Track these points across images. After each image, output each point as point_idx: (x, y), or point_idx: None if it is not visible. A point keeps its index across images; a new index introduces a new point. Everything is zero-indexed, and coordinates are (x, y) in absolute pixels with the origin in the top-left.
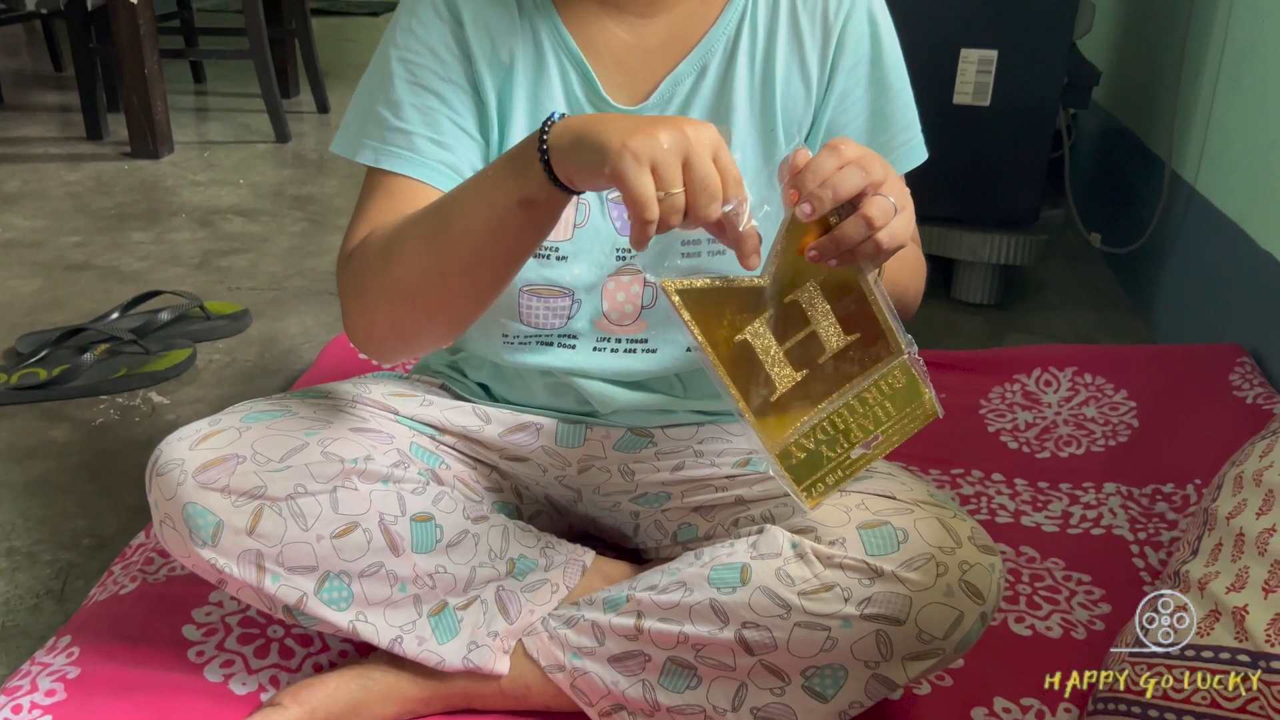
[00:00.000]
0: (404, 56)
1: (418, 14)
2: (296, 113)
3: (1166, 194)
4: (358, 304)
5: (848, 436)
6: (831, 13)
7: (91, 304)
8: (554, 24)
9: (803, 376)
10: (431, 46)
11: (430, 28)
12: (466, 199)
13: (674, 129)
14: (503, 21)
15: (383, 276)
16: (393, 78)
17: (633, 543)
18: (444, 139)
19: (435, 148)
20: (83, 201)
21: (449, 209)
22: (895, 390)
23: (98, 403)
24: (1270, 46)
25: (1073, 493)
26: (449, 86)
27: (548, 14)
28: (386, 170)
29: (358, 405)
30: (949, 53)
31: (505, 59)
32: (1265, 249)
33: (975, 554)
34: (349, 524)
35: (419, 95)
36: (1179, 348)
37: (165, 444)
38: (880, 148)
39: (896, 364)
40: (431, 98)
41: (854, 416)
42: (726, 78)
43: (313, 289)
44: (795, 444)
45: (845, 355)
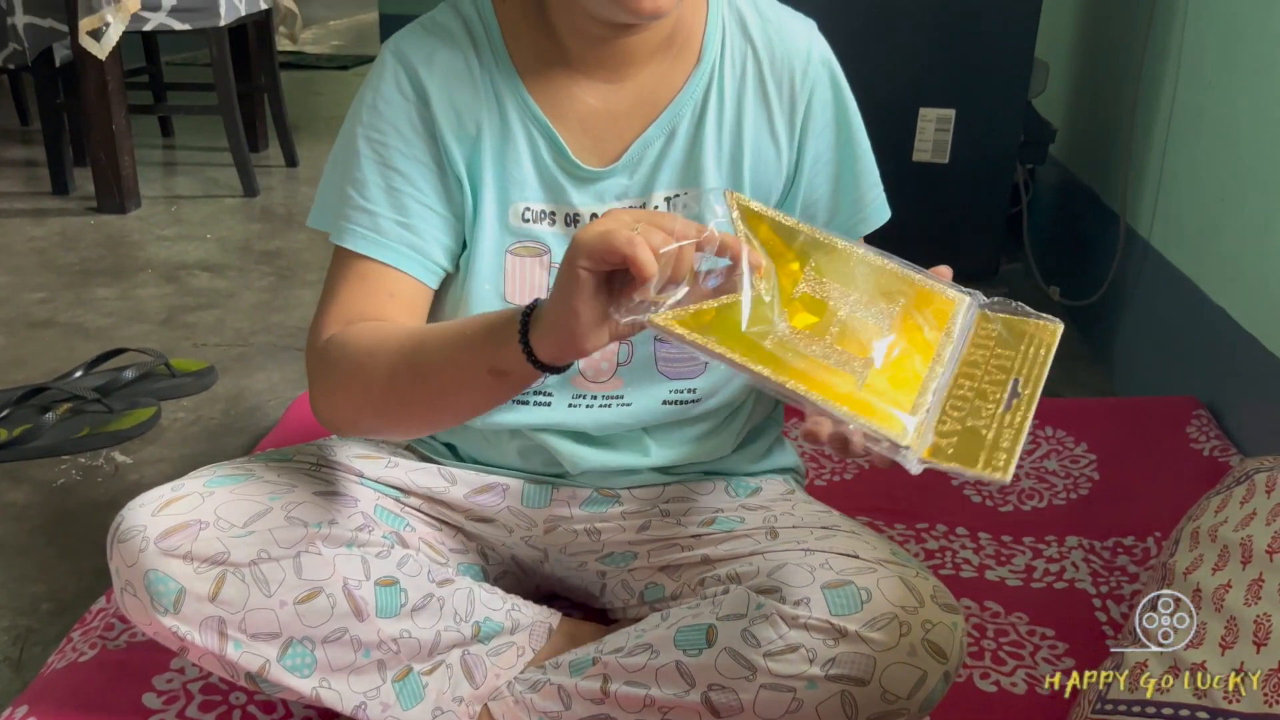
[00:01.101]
0: (369, 135)
1: (382, 92)
2: (265, 167)
3: (1122, 248)
4: (324, 397)
5: (985, 398)
6: (798, 79)
7: (55, 362)
8: (519, 92)
9: (868, 355)
10: (396, 126)
11: (395, 107)
12: (442, 353)
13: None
14: (468, 93)
15: (351, 386)
16: (359, 156)
17: (600, 602)
18: (410, 220)
19: (400, 230)
20: (48, 257)
21: (423, 356)
22: (995, 336)
23: (60, 463)
24: (1216, 108)
25: (1036, 546)
26: (415, 165)
27: (512, 82)
28: (352, 250)
29: (322, 468)
30: (908, 111)
31: (472, 130)
32: (1218, 303)
33: (938, 613)
34: (312, 589)
35: (385, 175)
36: (1137, 400)
37: (127, 510)
38: (850, 207)
39: (974, 314)
40: (397, 178)
41: (975, 380)
42: (695, 141)
43: (279, 345)
44: (938, 436)
45: (906, 323)
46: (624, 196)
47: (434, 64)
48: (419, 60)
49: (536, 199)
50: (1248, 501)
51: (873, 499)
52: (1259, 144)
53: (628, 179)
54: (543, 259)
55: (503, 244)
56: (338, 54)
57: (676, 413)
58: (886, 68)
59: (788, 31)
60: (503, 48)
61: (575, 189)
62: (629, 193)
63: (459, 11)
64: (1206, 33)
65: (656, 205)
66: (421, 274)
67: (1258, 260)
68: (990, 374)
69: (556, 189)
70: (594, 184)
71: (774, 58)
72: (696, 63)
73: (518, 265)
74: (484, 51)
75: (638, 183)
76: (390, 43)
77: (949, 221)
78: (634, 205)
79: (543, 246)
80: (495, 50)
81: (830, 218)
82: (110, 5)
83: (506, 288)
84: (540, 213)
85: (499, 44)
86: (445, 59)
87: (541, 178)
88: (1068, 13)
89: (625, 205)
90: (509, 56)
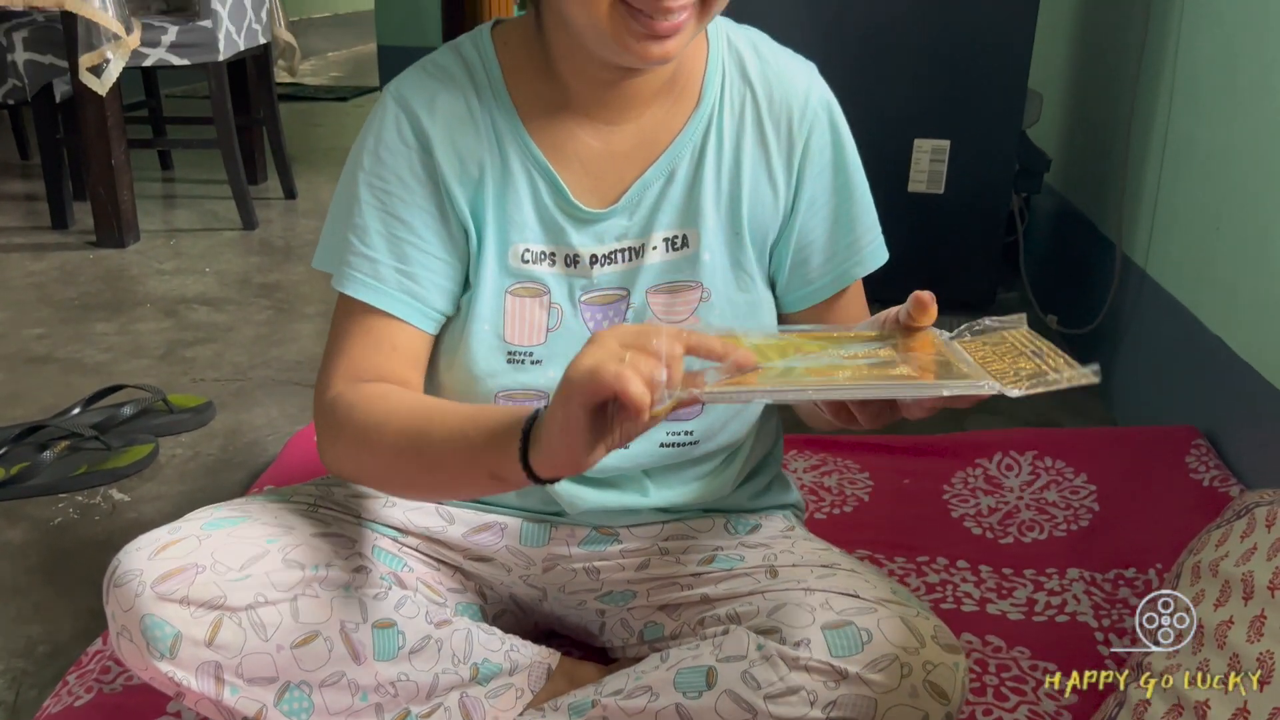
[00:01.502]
0: (371, 182)
1: (384, 139)
2: (264, 199)
3: (1118, 276)
4: (330, 450)
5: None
6: (796, 122)
7: (53, 398)
8: (520, 134)
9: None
10: (398, 173)
11: (396, 154)
12: (444, 448)
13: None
14: (470, 136)
15: (358, 455)
16: (360, 202)
17: (599, 641)
18: (410, 268)
19: (401, 278)
20: (46, 292)
21: (426, 445)
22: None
23: (57, 501)
24: (1210, 137)
25: (1037, 579)
26: (417, 213)
27: (513, 125)
28: (353, 298)
29: (320, 509)
30: (903, 142)
31: (474, 173)
32: (1214, 332)
33: (939, 653)
34: (309, 633)
35: (387, 223)
36: (1136, 430)
37: (123, 553)
38: (846, 250)
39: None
40: (399, 225)
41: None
42: (695, 183)
43: (277, 379)
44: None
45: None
46: (624, 237)
47: (436, 108)
48: (420, 105)
49: (536, 240)
50: (1248, 536)
51: (874, 532)
52: (1253, 173)
53: (627, 220)
54: (542, 299)
55: (502, 285)
56: (337, 85)
57: (675, 454)
58: (881, 99)
59: (787, 74)
60: (504, 90)
61: (575, 230)
62: (628, 233)
63: (460, 54)
64: (1199, 61)
65: (655, 246)
66: (422, 323)
67: (1253, 289)
68: (997, 352)
69: (556, 230)
70: (594, 225)
71: (772, 100)
72: (696, 105)
73: (517, 306)
74: (485, 94)
75: (637, 223)
76: (391, 86)
77: (945, 251)
78: (633, 246)
79: (542, 287)
80: (496, 93)
81: (826, 259)
82: (110, 42)
83: (506, 328)
84: (540, 254)
85: (500, 86)
86: (447, 103)
87: (541, 219)
88: (1060, 44)
89: (625, 246)
90: (510, 99)
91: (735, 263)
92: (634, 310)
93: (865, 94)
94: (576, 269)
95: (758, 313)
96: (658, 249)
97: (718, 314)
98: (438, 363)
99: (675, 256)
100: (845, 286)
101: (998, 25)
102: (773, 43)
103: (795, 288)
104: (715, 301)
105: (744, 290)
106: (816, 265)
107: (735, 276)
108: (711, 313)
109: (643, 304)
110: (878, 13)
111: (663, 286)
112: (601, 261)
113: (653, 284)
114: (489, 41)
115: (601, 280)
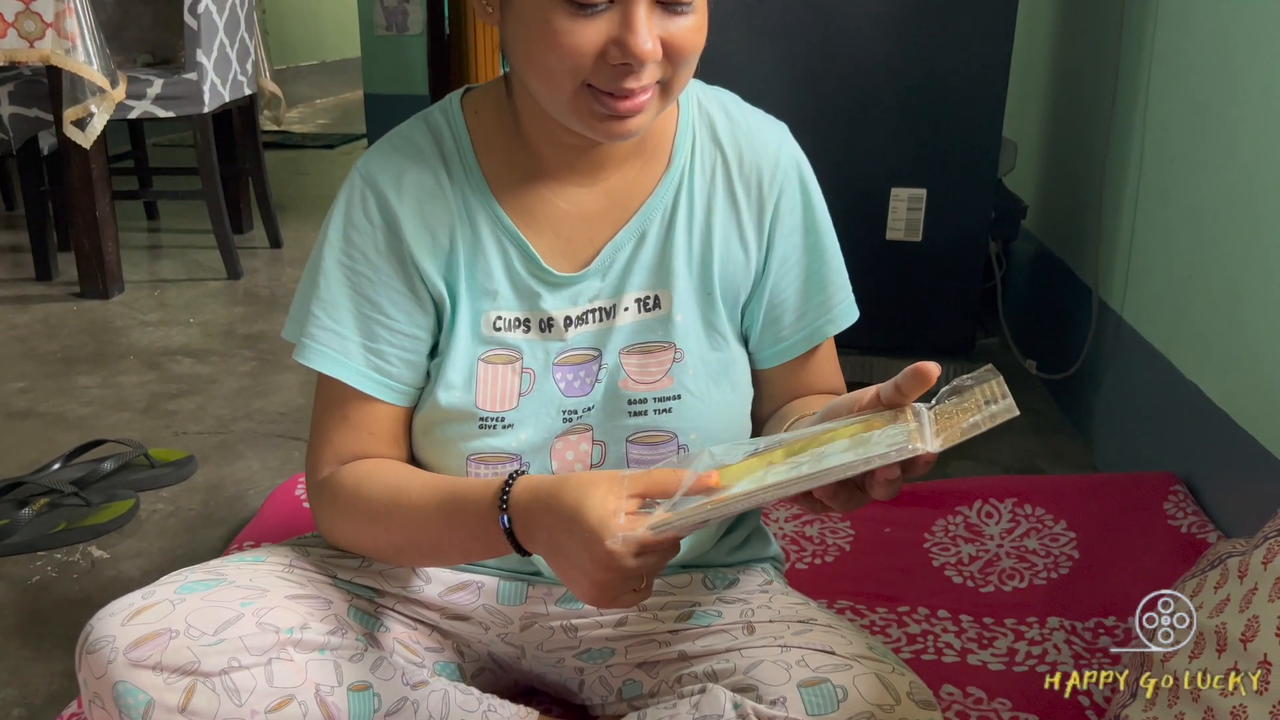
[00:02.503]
0: (340, 259)
1: (352, 219)
2: (250, 248)
3: (1096, 322)
4: (327, 526)
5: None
6: (766, 183)
7: (33, 454)
8: (489, 204)
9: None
10: (364, 252)
11: (363, 233)
12: (439, 536)
13: (612, 582)
14: (439, 209)
15: (356, 538)
16: (328, 279)
17: (579, 699)
18: (378, 346)
19: (369, 356)
20: (29, 345)
21: (421, 534)
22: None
23: (35, 559)
24: (1181, 186)
25: (1017, 628)
26: (384, 290)
27: (483, 195)
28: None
29: (295, 569)
30: (880, 191)
31: (445, 243)
32: (1190, 379)
33: (914, 711)
34: (284, 698)
35: (355, 301)
36: (1114, 477)
37: (96, 619)
38: (817, 308)
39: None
40: (366, 304)
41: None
42: (666, 243)
43: (259, 431)
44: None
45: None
46: (596, 299)
47: (403, 185)
48: (387, 183)
49: (509, 307)
50: (1221, 587)
51: (854, 582)
52: (1224, 222)
53: (600, 281)
54: (515, 365)
55: (475, 353)
56: (324, 133)
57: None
58: (858, 149)
59: (757, 135)
60: (473, 160)
61: (549, 294)
62: (601, 294)
63: (429, 124)
64: (1169, 113)
65: (627, 307)
66: (394, 398)
67: (1226, 336)
68: (961, 408)
69: (530, 296)
70: (567, 288)
71: (743, 161)
72: (667, 166)
73: (489, 373)
74: (454, 165)
75: (609, 285)
76: (360, 164)
77: (924, 298)
78: (605, 307)
79: (515, 353)
80: (466, 163)
81: (798, 318)
82: (95, 95)
83: (478, 395)
84: (513, 320)
85: (470, 157)
86: (415, 178)
87: (514, 286)
88: (1034, 93)
89: (596, 306)
90: (479, 168)
91: (707, 322)
92: (606, 370)
93: (842, 144)
94: (550, 332)
95: (730, 371)
96: (629, 309)
97: (691, 374)
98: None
99: (647, 317)
100: (817, 344)
101: (971, 75)
102: (743, 104)
103: (767, 345)
104: (688, 361)
105: (716, 349)
106: (789, 323)
107: (708, 336)
108: (685, 373)
109: (615, 364)
110: (853, 64)
111: (635, 347)
112: (575, 323)
113: (625, 345)
114: (458, 111)
115: (575, 342)
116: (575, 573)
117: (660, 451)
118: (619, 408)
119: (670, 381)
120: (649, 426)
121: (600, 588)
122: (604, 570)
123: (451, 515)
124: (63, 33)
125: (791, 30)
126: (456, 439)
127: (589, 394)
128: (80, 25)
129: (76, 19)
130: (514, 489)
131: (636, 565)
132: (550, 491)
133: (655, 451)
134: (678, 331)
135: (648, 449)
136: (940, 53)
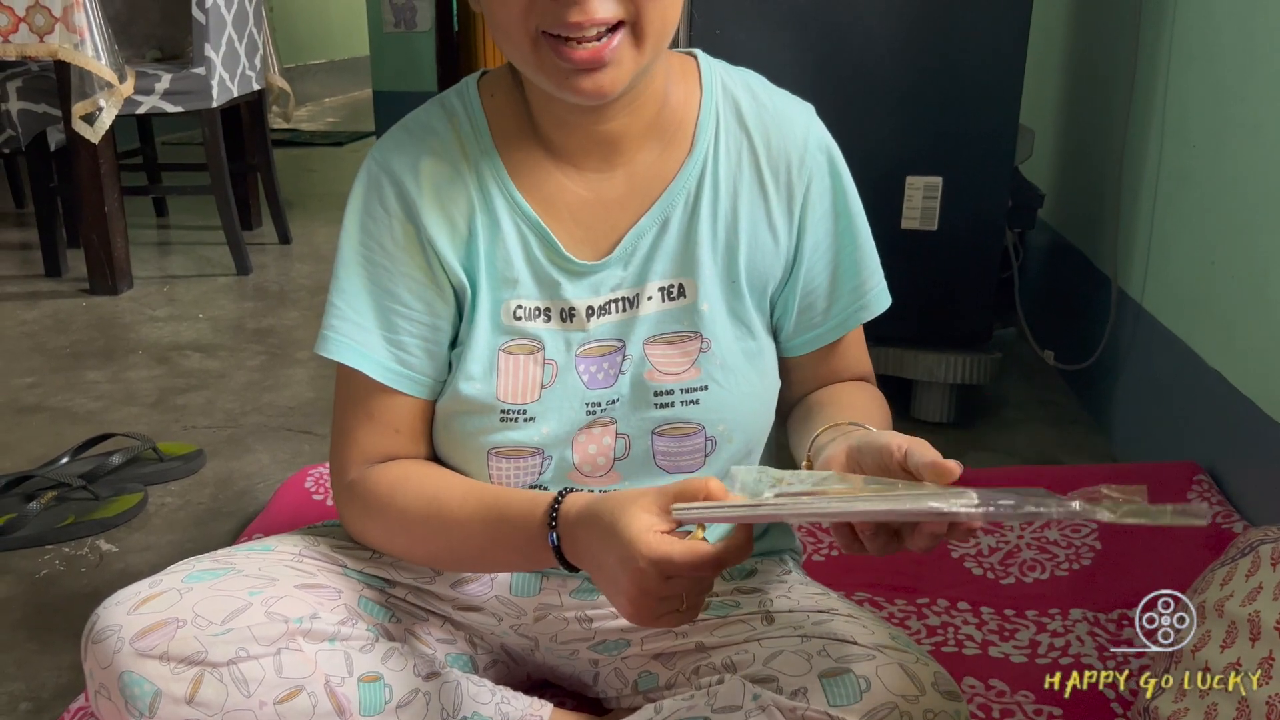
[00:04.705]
0: (359, 250)
1: (369, 209)
2: (258, 244)
3: (1115, 311)
4: (357, 527)
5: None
6: (795, 169)
7: (42, 448)
8: (507, 189)
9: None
10: (382, 243)
11: (380, 223)
12: (476, 538)
13: (648, 598)
14: (458, 195)
15: (390, 543)
16: (348, 270)
17: (593, 691)
18: (399, 338)
19: (391, 348)
20: (39, 341)
21: (461, 545)
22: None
23: (43, 553)
24: (1202, 171)
25: (1039, 620)
26: (403, 280)
27: (501, 180)
28: (349, 366)
29: (304, 559)
30: (895, 180)
31: (464, 230)
32: (1213, 366)
33: (940, 702)
34: (293, 688)
35: (374, 293)
36: (1136, 466)
37: (102, 608)
38: (851, 294)
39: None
40: (386, 297)
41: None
42: (689, 231)
43: (269, 425)
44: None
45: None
46: (619, 288)
47: (420, 172)
48: (404, 170)
49: (530, 296)
50: (1253, 574)
51: (873, 574)
52: (1247, 206)
53: (622, 270)
54: (536, 355)
55: (495, 343)
56: (333, 130)
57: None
58: (872, 137)
59: (784, 118)
60: (490, 144)
61: (569, 283)
62: (623, 284)
63: (445, 108)
64: (1189, 96)
65: (650, 296)
66: (417, 391)
67: (1251, 322)
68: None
69: (550, 285)
70: (588, 277)
71: (770, 146)
72: (690, 150)
73: (511, 364)
74: (471, 150)
75: (632, 274)
76: (375, 151)
77: (940, 287)
78: (628, 296)
79: (536, 343)
80: (483, 147)
81: (831, 304)
82: (103, 90)
83: (499, 387)
84: (534, 310)
85: (487, 141)
86: (432, 164)
87: (534, 274)
88: (1051, 79)
89: (619, 296)
90: (497, 153)
91: (733, 312)
92: (631, 362)
93: (857, 132)
94: (572, 322)
95: (758, 360)
96: (653, 299)
97: (719, 364)
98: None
99: (671, 306)
100: (848, 331)
101: (987, 61)
102: (769, 85)
103: (800, 333)
104: (716, 351)
105: (743, 339)
106: (821, 310)
107: (734, 326)
108: (712, 363)
109: (640, 355)
110: (868, 51)
111: (661, 338)
112: (597, 313)
113: (650, 335)
114: (475, 94)
115: (597, 332)
116: (614, 590)
117: (687, 444)
118: (645, 399)
119: (697, 372)
120: (676, 418)
121: (636, 605)
122: (638, 587)
123: (497, 530)
124: (71, 27)
125: (804, 17)
126: (477, 433)
127: (613, 386)
128: (89, 20)
129: (85, 13)
130: (563, 506)
131: (670, 584)
132: (594, 509)
133: (681, 444)
134: (704, 321)
135: (674, 441)
136: (955, 38)
